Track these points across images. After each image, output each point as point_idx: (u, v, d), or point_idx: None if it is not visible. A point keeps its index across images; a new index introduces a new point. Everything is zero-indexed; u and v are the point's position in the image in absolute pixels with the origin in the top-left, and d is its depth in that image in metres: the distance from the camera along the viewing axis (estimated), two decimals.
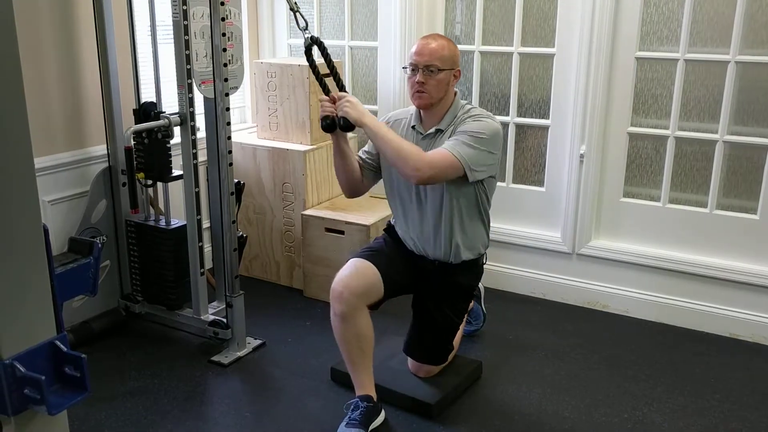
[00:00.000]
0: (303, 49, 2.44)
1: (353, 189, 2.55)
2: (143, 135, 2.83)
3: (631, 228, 3.27)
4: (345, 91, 2.42)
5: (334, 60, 2.50)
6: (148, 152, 2.84)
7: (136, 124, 2.84)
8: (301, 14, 2.44)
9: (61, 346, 0.85)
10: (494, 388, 2.68)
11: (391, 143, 2.27)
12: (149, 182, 2.94)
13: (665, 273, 3.19)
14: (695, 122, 3.08)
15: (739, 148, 3.02)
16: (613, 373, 2.80)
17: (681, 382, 2.73)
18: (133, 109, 2.91)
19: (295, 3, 2.48)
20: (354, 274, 2.36)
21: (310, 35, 2.41)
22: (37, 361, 0.82)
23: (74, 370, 0.85)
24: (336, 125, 2.36)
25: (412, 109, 2.49)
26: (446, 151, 2.26)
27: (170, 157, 2.89)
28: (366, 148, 2.56)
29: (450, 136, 2.34)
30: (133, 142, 2.84)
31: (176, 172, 2.91)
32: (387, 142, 2.28)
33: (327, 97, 2.39)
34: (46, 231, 0.89)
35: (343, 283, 2.33)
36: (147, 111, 2.86)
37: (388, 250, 2.51)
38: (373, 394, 2.40)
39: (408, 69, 2.36)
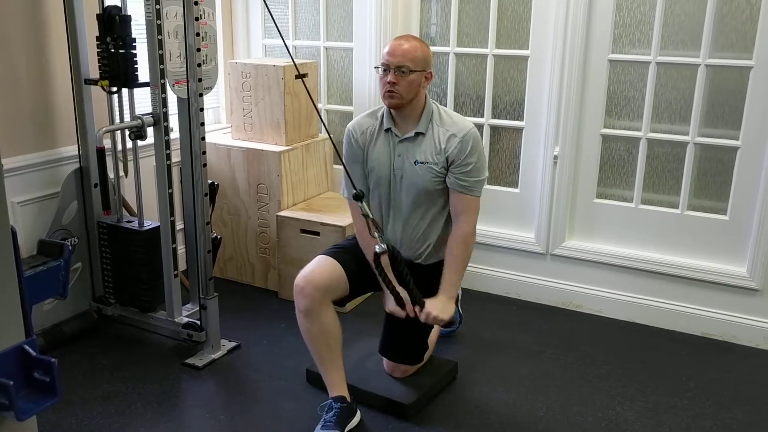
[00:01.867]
0: (278, 49, 2.42)
1: None
2: (107, 41, 2.70)
3: (604, 228, 3.31)
4: (420, 300, 2.29)
5: (309, 61, 2.47)
6: (112, 58, 2.74)
7: (99, 31, 2.73)
8: (375, 222, 2.12)
9: (30, 351, 0.84)
10: (470, 388, 2.69)
11: (465, 266, 2.45)
12: (114, 89, 2.83)
13: (638, 273, 3.23)
14: (667, 124, 3.13)
15: (710, 150, 3.07)
16: (587, 373, 2.82)
17: (654, 381, 2.76)
18: (96, 14, 2.75)
19: (370, 209, 2.20)
20: (316, 269, 2.37)
21: (385, 245, 2.13)
22: (5, 365, 0.81)
23: (44, 374, 0.84)
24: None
25: (377, 111, 2.49)
26: (472, 199, 2.38)
27: (136, 63, 2.78)
28: (348, 190, 2.41)
29: (443, 156, 2.35)
30: (97, 50, 2.74)
31: (143, 80, 2.77)
32: (464, 270, 2.46)
33: (404, 314, 2.32)
34: (14, 233, 0.87)
35: (305, 278, 2.34)
36: (111, 16, 2.72)
37: (356, 248, 2.51)
38: (347, 394, 2.40)
39: (380, 69, 2.37)
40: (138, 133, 2.74)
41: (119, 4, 2.77)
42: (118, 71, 2.75)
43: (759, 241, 2.96)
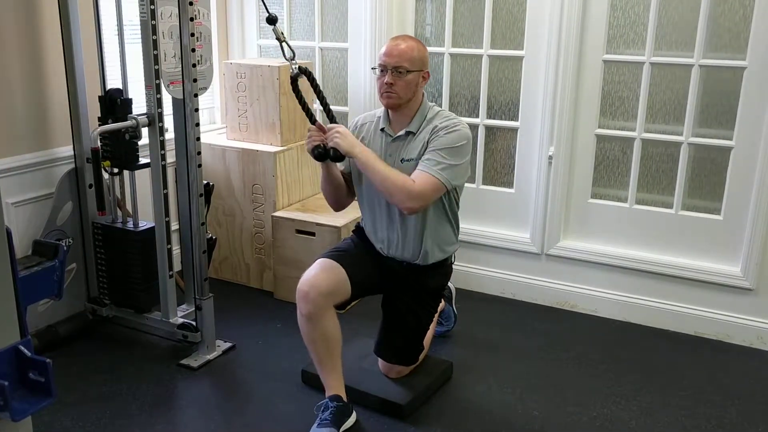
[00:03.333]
0: (273, 49, 2.43)
1: (341, 204, 2.60)
2: (109, 122, 2.77)
3: (599, 228, 3.32)
4: (335, 122, 2.41)
5: (304, 61, 2.49)
6: (113, 140, 2.78)
7: (101, 112, 2.80)
8: (288, 44, 2.39)
9: (25, 351, 0.83)
10: (465, 388, 2.70)
11: (380, 174, 2.28)
12: (116, 170, 2.88)
13: (632, 273, 3.24)
14: (661, 124, 3.14)
15: (703, 150, 3.08)
16: (582, 372, 2.83)
17: (648, 380, 2.77)
18: (99, 96, 2.84)
19: (282, 33, 2.44)
20: (320, 273, 2.36)
21: (297, 65, 2.37)
22: (0, 366, 0.81)
23: (39, 375, 0.84)
24: (328, 153, 2.34)
25: (379, 111, 2.50)
26: (429, 175, 2.27)
27: (137, 145, 2.84)
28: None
29: (424, 146, 2.34)
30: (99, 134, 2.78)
31: (143, 161, 2.85)
32: (376, 173, 2.28)
33: (314, 127, 2.37)
34: (9, 233, 0.87)
35: (309, 283, 2.33)
36: (113, 98, 2.79)
37: (356, 251, 2.52)
38: (343, 394, 2.40)
39: (377, 69, 2.37)
40: (133, 134, 2.74)
41: (121, 87, 2.84)
42: (120, 153, 2.81)
43: (752, 241, 2.97)
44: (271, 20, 2.43)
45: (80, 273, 3.02)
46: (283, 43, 2.41)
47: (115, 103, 2.80)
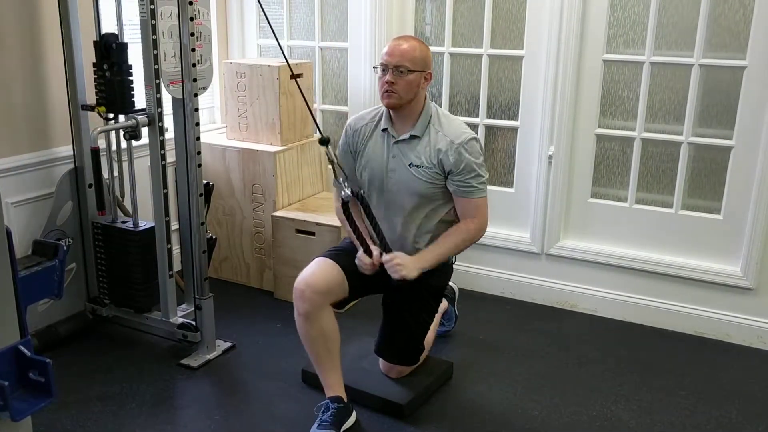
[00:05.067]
0: (272, 49, 2.43)
1: None
2: (104, 67, 2.73)
3: (598, 228, 3.31)
4: (389, 249, 2.34)
5: (303, 61, 2.48)
6: (108, 85, 2.75)
7: (96, 57, 2.75)
8: (341, 166, 2.23)
9: (25, 351, 0.83)
10: (465, 388, 2.70)
11: (453, 251, 2.43)
12: (110, 116, 2.83)
13: (632, 272, 3.24)
14: (661, 124, 3.14)
15: (703, 150, 3.08)
16: (582, 372, 2.83)
17: (648, 380, 2.77)
18: (93, 41, 2.78)
19: (335, 154, 2.26)
20: (316, 272, 2.36)
21: (351, 189, 2.22)
22: (0, 366, 0.81)
23: (39, 375, 0.84)
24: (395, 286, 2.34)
25: (378, 110, 2.50)
26: (479, 200, 2.41)
27: (132, 90, 2.79)
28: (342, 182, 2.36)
29: (437, 156, 2.35)
30: (94, 77, 2.76)
31: (139, 106, 2.79)
32: (450, 253, 2.43)
33: (369, 262, 2.32)
34: (9, 233, 0.87)
35: (305, 281, 2.33)
36: (108, 42, 2.73)
37: (355, 250, 2.51)
38: (343, 395, 2.40)
39: (379, 69, 2.37)
40: (133, 133, 2.74)
41: (116, 32, 2.79)
42: (115, 98, 2.77)
43: (753, 241, 2.97)
44: (324, 141, 2.20)
45: (80, 273, 3.02)
46: (337, 167, 2.21)
47: (110, 48, 2.73)
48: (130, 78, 2.77)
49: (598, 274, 3.31)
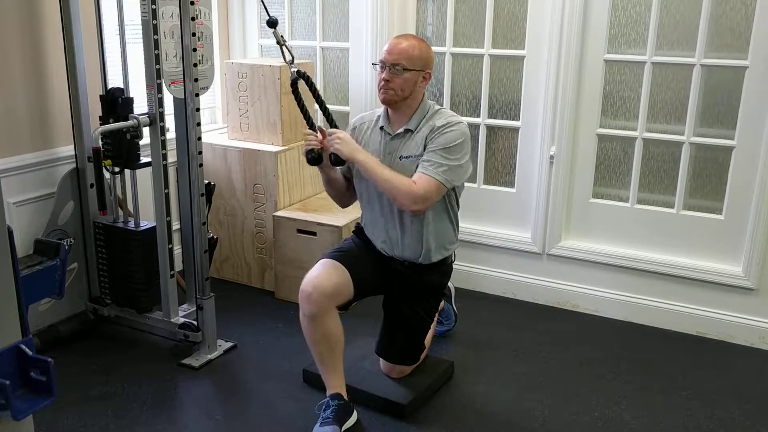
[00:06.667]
0: (274, 49, 2.45)
1: (345, 203, 2.65)
2: (110, 122, 2.78)
3: (600, 228, 3.31)
4: (335, 126, 2.45)
5: (305, 61, 2.51)
6: (115, 139, 2.78)
7: (102, 111, 2.80)
8: (288, 47, 2.44)
9: (27, 350, 0.84)
10: (466, 388, 2.70)
11: (382, 179, 2.31)
12: (117, 169, 2.88)
13: (634, 272, 3.23)
14: (662, 124, 3.13)
15: (705, 150, 3.08)
16: (583, 372, 2.83)
17: (649, 380, 2.77)
18: (100, 95, 2.84)
19: (282, 36, 2.47)
20: (323, 274, 2.36)
21: (296, 69, 2.44)
22: (1, 365, 0.81)
23: (40, 374, 0.84)
24: (321, 158, 2.40)
25: (379, 110, 2.51)
26: (430, 177, 2.29)
27: (138, 144, 2.83)
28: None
29: (423, 144, 2.35)
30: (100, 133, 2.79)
31: (144, 159, 2.86)
32: (379, 178, 2.32)
33: (312, 131, 2.41)
34: (10, 233, 0.87)
35: (312, 283, 2.33)
36: (114, 98, 2.80)
37: (357, 251, 2.52)
38: (344, 393, 2.40)
39: (377, 65, 2.40)
40: (134, 133, 2.74)
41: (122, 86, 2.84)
42: (121, 152, 2.81)
43: (754, 241, 2.97)
44: (272, 23, 2.46)
45: (81, 272, 3.02)
46: (283, 47, 2.44)
47: (116, 103, 2.80)
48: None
49: (599, 274, 3.31)
